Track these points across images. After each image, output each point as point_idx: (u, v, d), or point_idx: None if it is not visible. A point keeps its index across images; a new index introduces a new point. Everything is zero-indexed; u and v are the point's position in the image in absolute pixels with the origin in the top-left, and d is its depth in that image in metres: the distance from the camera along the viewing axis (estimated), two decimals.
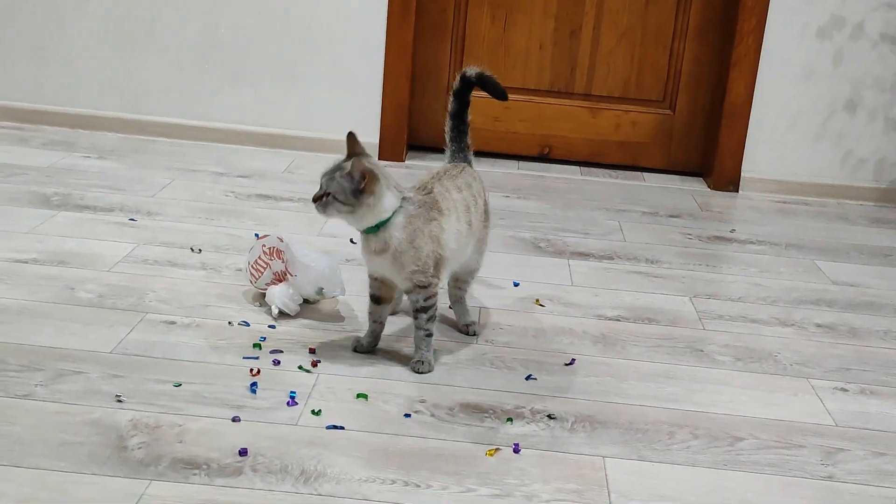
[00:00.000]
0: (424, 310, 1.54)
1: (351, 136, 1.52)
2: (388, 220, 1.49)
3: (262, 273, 1.75)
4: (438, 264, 1.54)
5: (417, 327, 1.56)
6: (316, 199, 1.49)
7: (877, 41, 2.69)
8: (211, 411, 1.39)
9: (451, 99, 1.73)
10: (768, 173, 2.81)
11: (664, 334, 1.78)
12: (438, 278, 1.55)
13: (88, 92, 2.82)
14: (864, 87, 2.73)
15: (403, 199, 1.51)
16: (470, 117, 1.74)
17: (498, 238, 2.21)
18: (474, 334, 1.71)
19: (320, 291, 1.73)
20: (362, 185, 1.45)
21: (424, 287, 1.53)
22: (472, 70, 1.72)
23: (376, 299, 1.59)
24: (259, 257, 1.75)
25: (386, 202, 1.48)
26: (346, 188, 1.46)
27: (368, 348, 1.61)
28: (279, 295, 1.71)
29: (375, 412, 1.43)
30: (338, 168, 1.48)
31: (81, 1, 2.74)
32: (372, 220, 1.48)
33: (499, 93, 1.74)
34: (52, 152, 2.60)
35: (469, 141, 1.73)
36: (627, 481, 1.31)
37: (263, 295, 1.75)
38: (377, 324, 1.61)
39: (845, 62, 2.72)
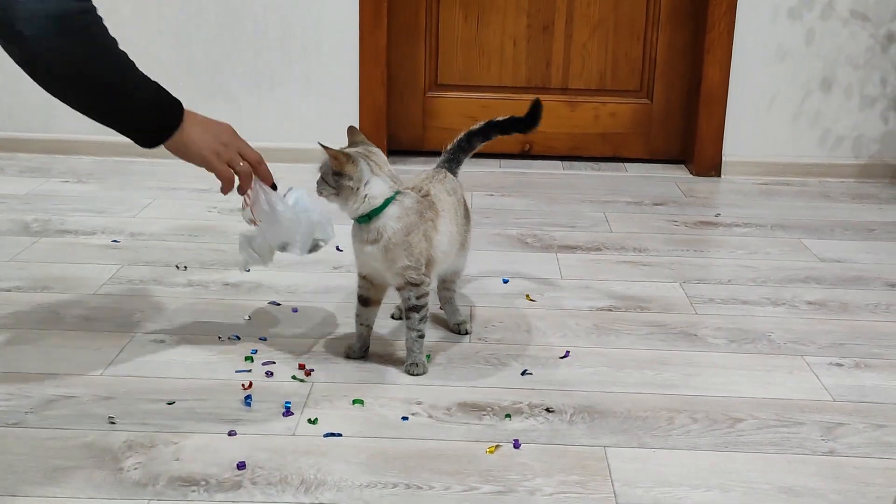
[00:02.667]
0: (417, 308, 1.53)
1: (350, 129, 1.52)
2: (381, 209, 1.48)
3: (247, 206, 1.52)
4: (428, 264, 1.53)
5: (409, 328, 1.55)
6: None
7: (847, 18, 2.71)
8: (206, 427, 1.37)
9: (481, 126, 1.77)
10: (749, 156, 2.81)
11: (657, 321, 1.78)
12: (429, 277, 1.54)
13: (63, 116, 2.78)
14: (837, 64, 2.74)
15: (399, 192, 1.50)
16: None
17: (484, 236, 2.21)
18: (466, 332, 1.70)
19: (284, 247, 1.55)
20: (335, 166, 1.46)
21: (416, 285, 1.52)
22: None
23: (364, 300, 1.58)
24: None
25: (374, 188, 1.47)
26: (328, 170, 1.47)
27: (360, 353, 1.60)
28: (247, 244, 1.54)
29: (372, 417, 1.42)
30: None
31: None
32: (360, 206, 1.47)
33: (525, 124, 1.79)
34: (30, 179, 2.58)
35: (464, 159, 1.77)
36: (630, 469, 1.30)
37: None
38: (364, 327, 1.59)
39: (817, 41, 2.73)
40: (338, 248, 2.09)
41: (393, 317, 1.75)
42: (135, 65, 1.44)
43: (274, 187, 1.54)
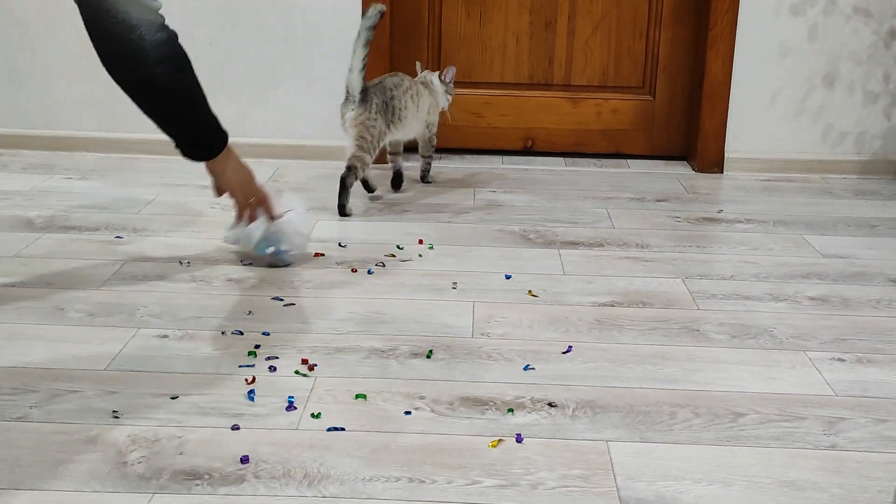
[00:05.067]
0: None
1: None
2: None
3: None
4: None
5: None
6: None
7: (850, 14, 2.71)
8: (210, 421, 1.38)
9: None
10: (751, 152, 2.81)
11: (659, 316, 1.78)
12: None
13: (65, 113, 2.80)
14: (840, 61, 2.74)
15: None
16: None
17: (487, 232, 2.21)
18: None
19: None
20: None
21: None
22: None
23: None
24: None
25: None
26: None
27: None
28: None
29: (375, 411, 1.42)
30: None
31: (53, 23, 2.73)
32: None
33: None
34: (33, 175, 2.58)
35: None
36: (632, 463, 1.30)
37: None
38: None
39: (820, 37, 2.73)
40: (340, 244, 2.10)
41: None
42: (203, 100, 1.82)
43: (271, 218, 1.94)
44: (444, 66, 2.95)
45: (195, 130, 1.80)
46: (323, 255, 2.03)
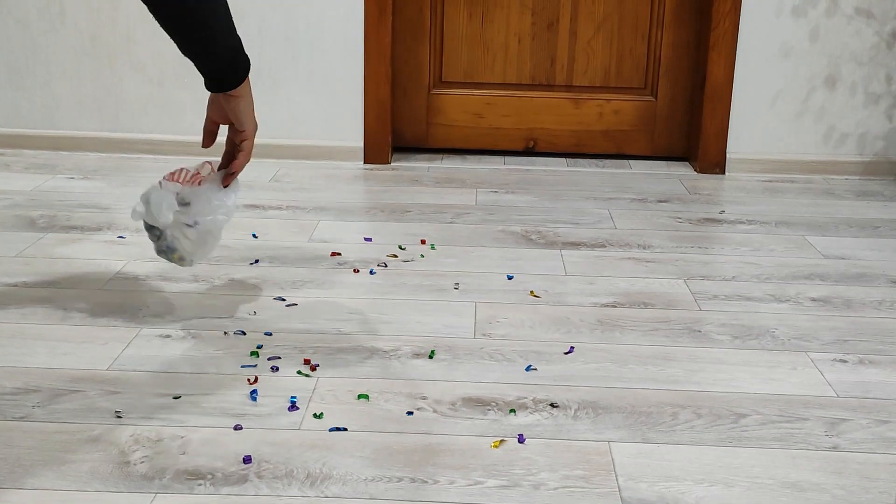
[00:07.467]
0: None
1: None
2: None
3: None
4: None
5: None
6: None
7: (852, 16, 2.71)
8: (212, 421, 1.38)
9: None
10: (753, 153, 2.81)
11: (661, 317, 1.78)
12: None
13: (68, 113, 2.81)
14: (842, 62, 2.74)
15: None
16: None
17: (488, 233, 2.21)
18: None
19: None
20: None
21: None
22: None
23: None
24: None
25: None
26: None
27: None
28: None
29: (377, 412, 1.43)
30: None
31: (55, 22, 2.73)
32: None
33: None
34: (35, 175, 2.58)
35: None
36: (634, 464, 1.31)
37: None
38: None
39: (822, 38, 2.73)
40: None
41: None
42: (231, 18, 1.61)
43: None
44: (445, 66, 2.96)
45: (215, 55, 1.58)
46: (340, 254, 2.04)
